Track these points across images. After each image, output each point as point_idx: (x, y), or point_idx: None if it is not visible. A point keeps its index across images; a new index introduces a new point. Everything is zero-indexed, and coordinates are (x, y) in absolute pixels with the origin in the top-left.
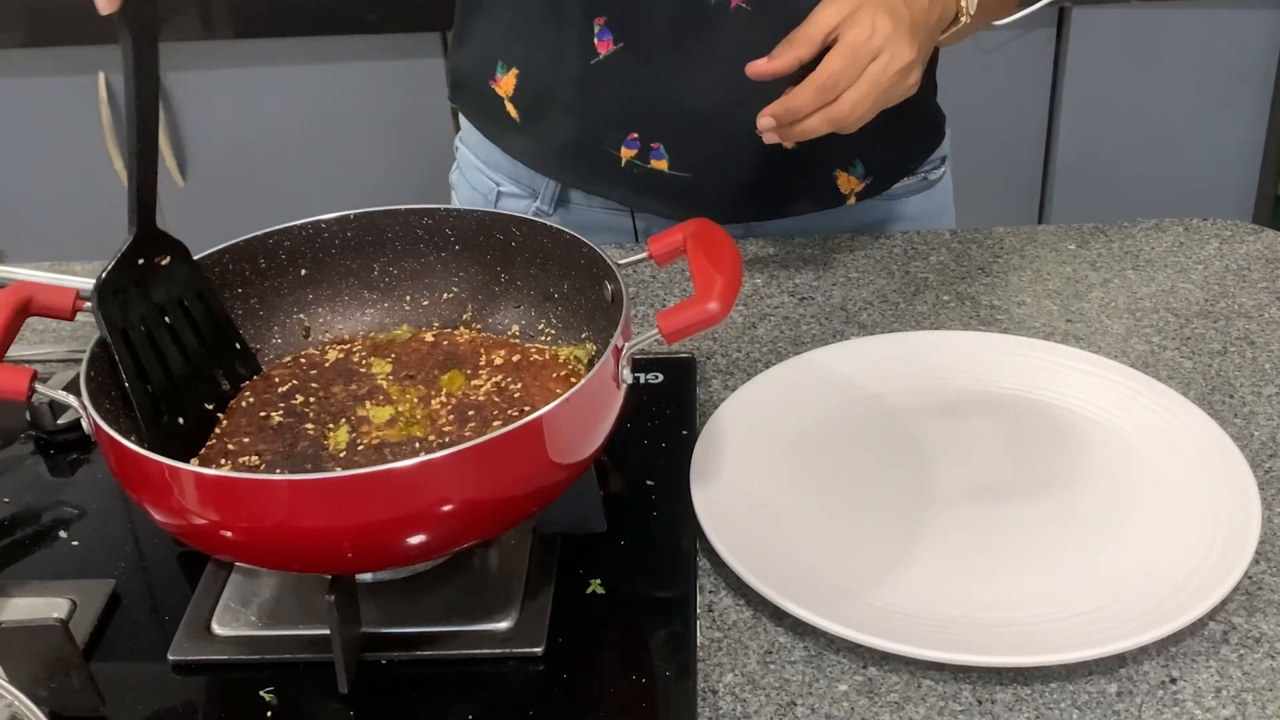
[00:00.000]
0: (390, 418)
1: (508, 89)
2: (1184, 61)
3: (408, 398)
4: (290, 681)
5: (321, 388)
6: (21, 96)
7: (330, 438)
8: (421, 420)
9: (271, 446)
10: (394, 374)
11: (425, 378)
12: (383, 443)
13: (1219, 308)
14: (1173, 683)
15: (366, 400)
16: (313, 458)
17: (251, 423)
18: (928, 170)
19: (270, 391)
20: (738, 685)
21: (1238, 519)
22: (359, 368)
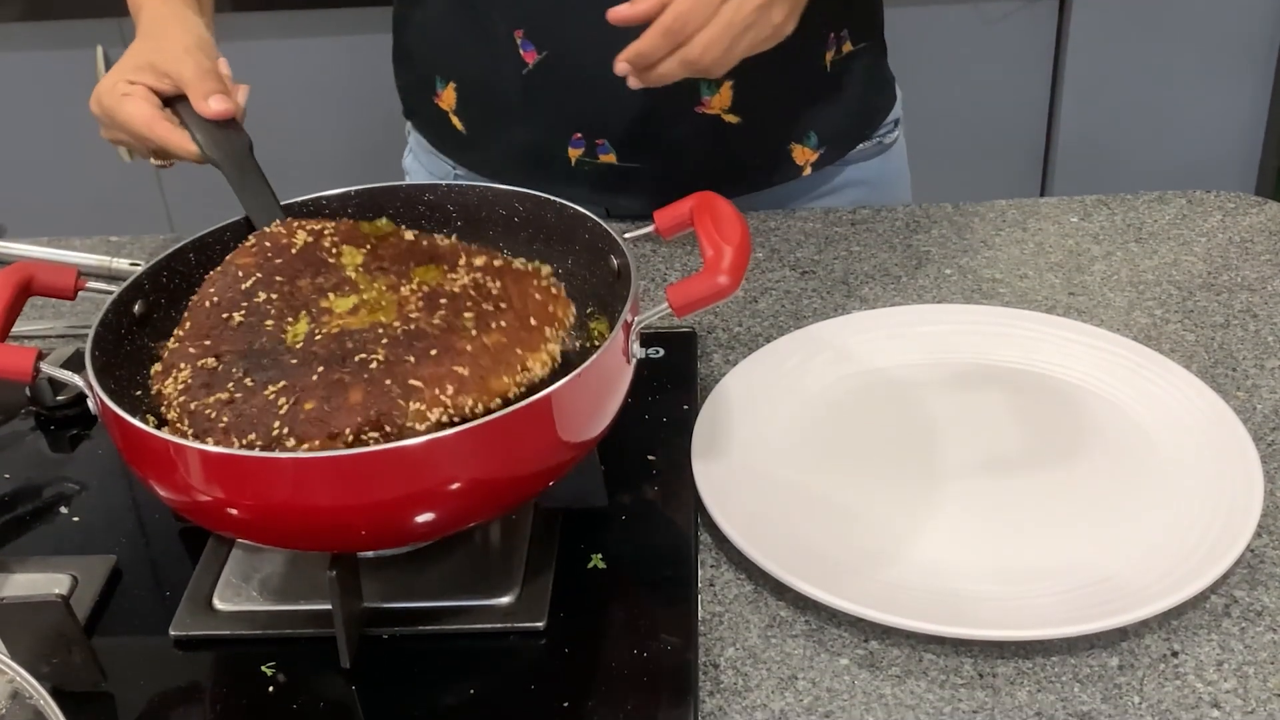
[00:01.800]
0: (353, 306)
1: (450, 103)
2: (1186, 34)
3: (375, 286)
4: (292, 656)
5: (287, 281)
6: (20, 71)
7: (289, 330)
8: (387, 306)
9: (231, 346)
10: (365, 265)
11: (399, 270)
12: (343, 331)
13: (1222, 280)
14: (1174, 656)
15: (331, 292)
16: (270, 352)
17: (214, 324)
18: (882, 134)
19: (234, 289)
20: (739, 659)
21: (1240, 492)
22: (328, 256)
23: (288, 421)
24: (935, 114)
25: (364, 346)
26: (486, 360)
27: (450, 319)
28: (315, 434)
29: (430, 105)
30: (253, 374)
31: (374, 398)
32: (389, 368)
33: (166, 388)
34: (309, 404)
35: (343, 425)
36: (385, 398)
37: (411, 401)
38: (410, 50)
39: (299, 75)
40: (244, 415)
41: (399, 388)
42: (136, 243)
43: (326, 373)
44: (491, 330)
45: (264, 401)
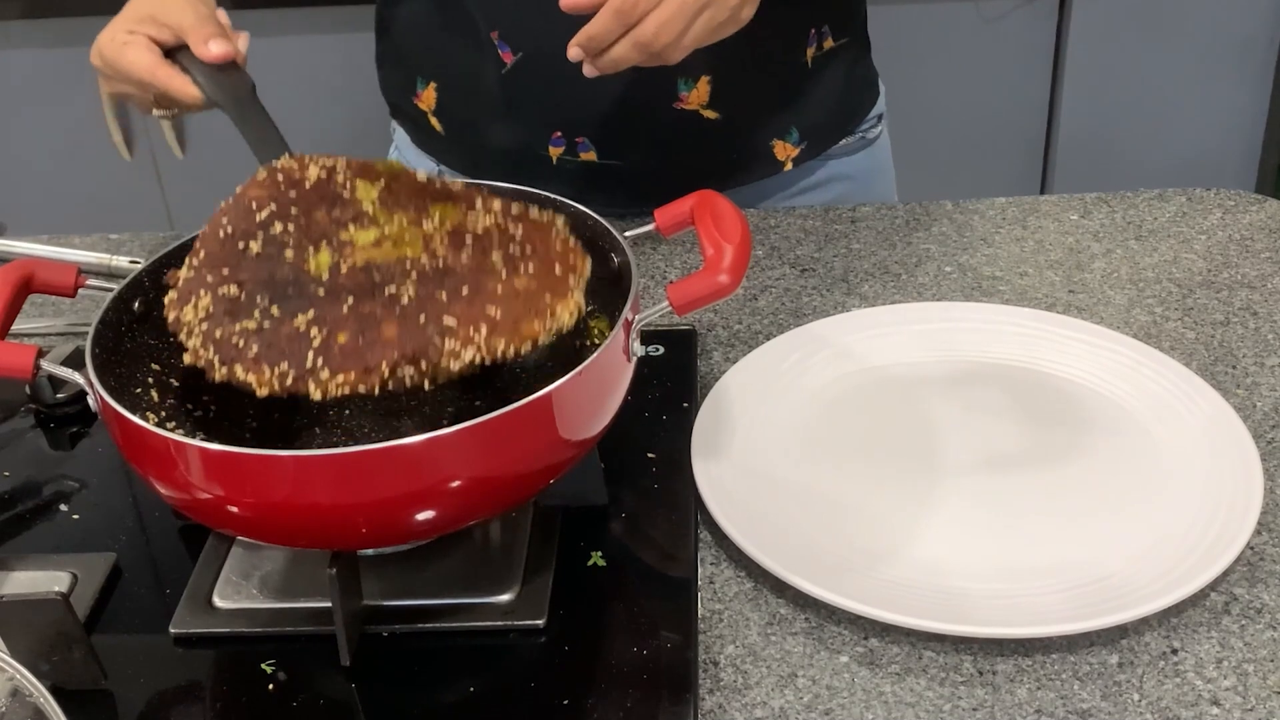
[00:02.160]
0: (376, 239)
1: (429, 103)
2: (1187, 32)
3: (396, 220)
4: (292, 654)
5: (303, 213)
6: (21, 69)
7: (310, 261)
8: (411, 241)
9: (252, 276)
10: (382, 199)
11: (417, 205)
12: (369, 264)
13: (1222, 278)
14: (1174, 654)
15: (351, 224)
16: (294, 282)
17: (231, 253)
18: (864, 130)
19: (248, 220)
20: (739, 657)
21: (1240, 490)
22: (342, 191)
23: (322, 353)
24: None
25: (392, 280)
26: (518, 304)
27: (479, 259)
28: (351, 366)
29: (411, 105)
30: (279, 303)
31: (409, 334)
32: (420, 304)
33: (186, 314)
34: (342, 336)
35: (378, 359)
36: (420, 335)
37: (447, 340)
38: (392, 51)
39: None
40: (274, 345)
41: (433, 325)
42: (136, 240)
43: (357, 305)
44: (520, 274)
45: (294, 332)
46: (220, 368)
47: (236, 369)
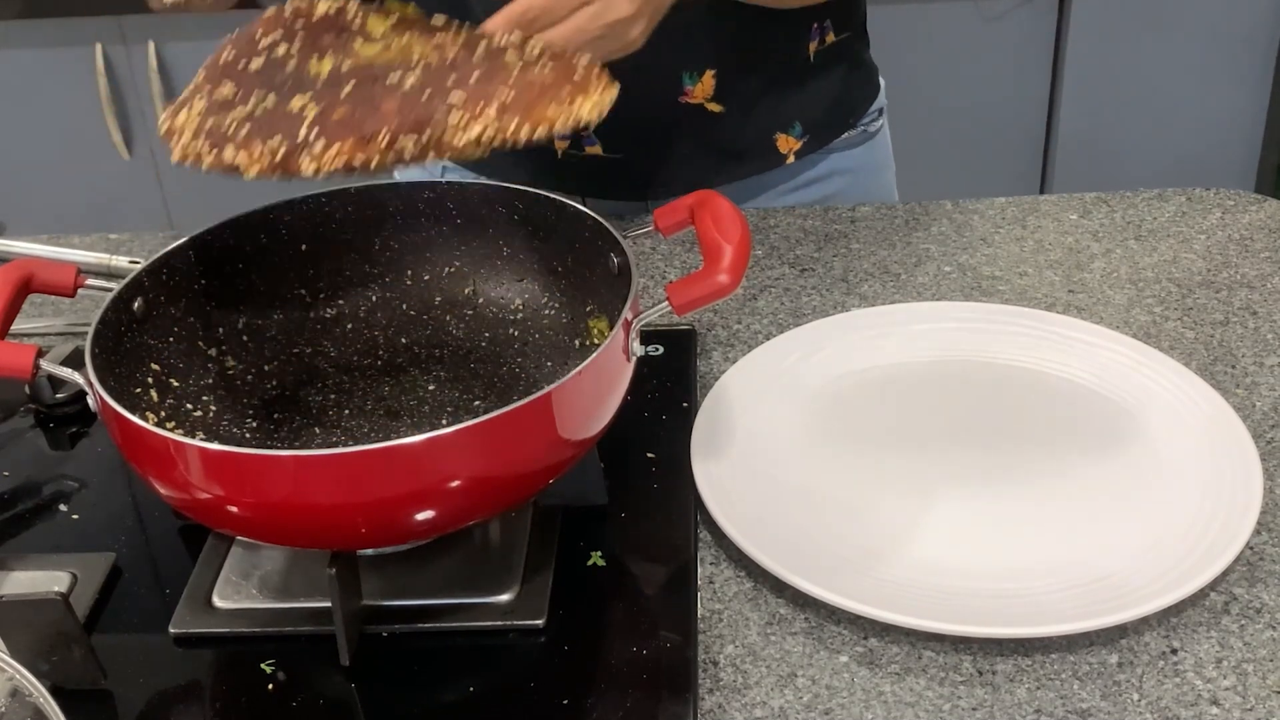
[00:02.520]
0: (381, 50)
1: None
2: (1186, 32)
3: (406, 40)
4: (292, 654)
5: (309, 39)
6: (19, 69)
7: (310, 66)
8: (420, 42)
9: (245, 82)
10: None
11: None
12: (367, 64)
13: (1221, 278)
14: (1173, 653)
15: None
16: (297, 79)
17: (230, 72)
18: (866, 123)
19: (250, 45)
20: (738, 657)
21: (1239, 489)
22: (352, 24)
23: (317, 123)
24: (935, 111)
25: (393, 73)
26: (532, 91)
27: (492, 59)
28: (347, 134)
29: None
30: (273, 92)
31: (408, 107)
32: (423, 86)
33: (179, 119)
34: (339, 113)
35: (376, 127)
36: (423, 107)
37: (453, 113)
38: None
39: None
40: (264, 126)
41: (437, 101)
42: (136, 240)
43: (358, 89)
44: (537, 72)
45: (288, 113)
46: (209, 154)
47: (226, 151)
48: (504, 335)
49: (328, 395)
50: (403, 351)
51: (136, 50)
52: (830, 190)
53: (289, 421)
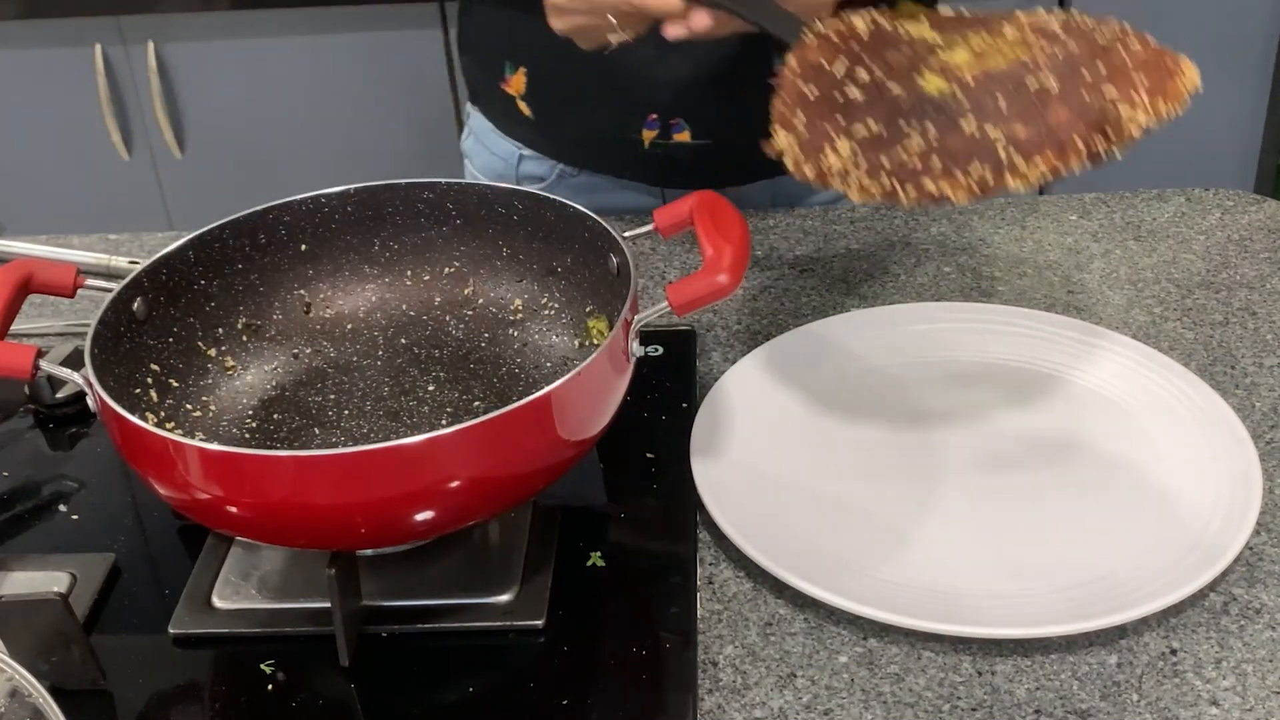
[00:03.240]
0: (972, 55)
1: (518, 88)
2: (1185, 32)
3: (973, 39)
4: (291, 654)
5: (875, 58)
6: (18, 69)
7: (927, 86)
8: (1009, 47)
9: (875, 113)
10: (938, 30)
11: (974, 27)
12: (985, 74)
13: (1221, 278)
14: (1173, 654)
15: (936, 52)
16: (925, 102)
17: (835, 105)
18: None
19: (827, 76)
20: (738, 657)
21: (1239, 490)
22: (897, 33)
23: (1011, 142)
24: None
25: (1024, 78)
26: (1150, 68)
27: (1089, 44)
28: (1045, 147)
29: (496, 90)
30: (930, 121)
31: (1081, 111)
32: (1071, 86)
33: (830, 162)
34: (1019, 129)
35: (1069, 134)
36: (1092, 108)
37: (1120, 106)
38: (478, 36)
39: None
40: (955, 155)
41: (1096, 97)
42: (136, 240)
43: (1011, 102)
44: (1132, 49)
45: (967, 138)
46: (906, 189)
47: (927, 184)
48: (503, 335)
49: (327, 396)
50: (402, 352)
51: (136, 51)
52: None
53: (288, 422)
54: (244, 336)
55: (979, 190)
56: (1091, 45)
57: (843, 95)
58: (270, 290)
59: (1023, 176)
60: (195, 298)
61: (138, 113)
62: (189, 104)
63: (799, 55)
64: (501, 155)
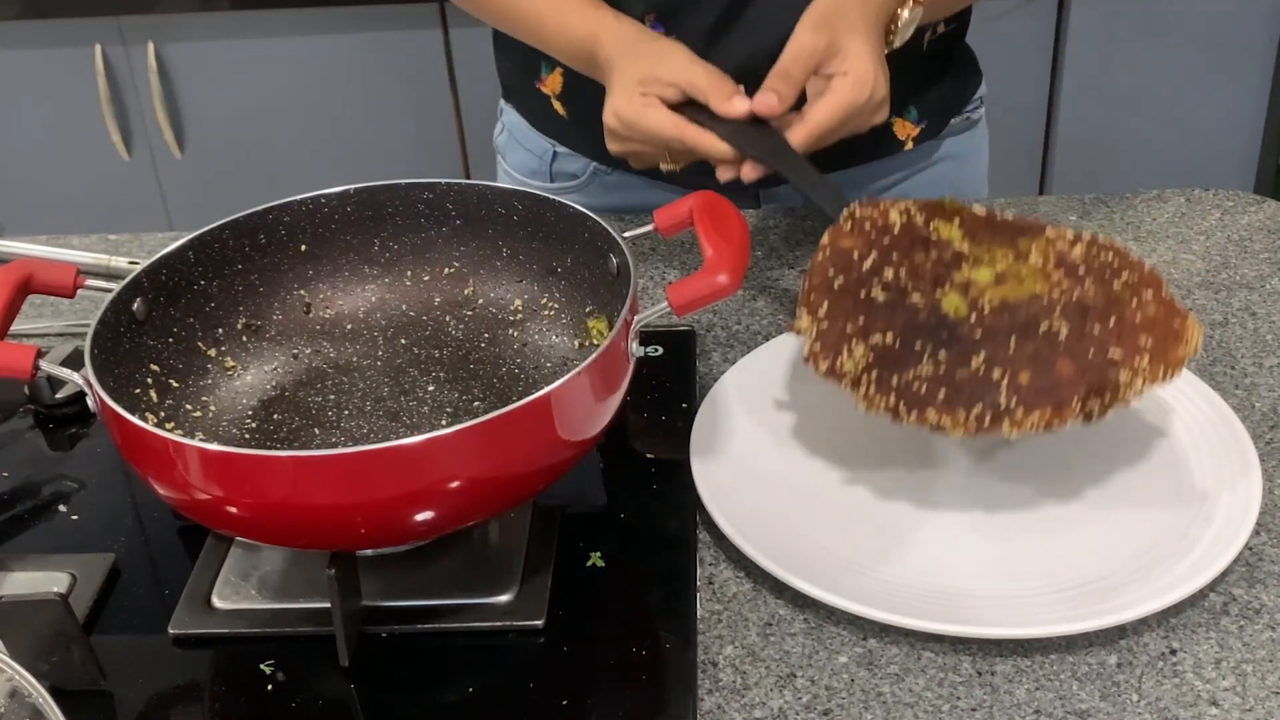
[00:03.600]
0: (995, 277)
1: (554, 87)
2: (1186, 32)
3: (998, 257)
4: (291, 654)
5: (903, 257)
6: (18, 69)
7: (944, 303)
8: (1029, 277)
9: (891, 322)
10: (967, 236)
11: (1003, 240)
12: (1004, 303)
13: (1220, 279)
14: (1173, 654)
15: (961, 265)
16: (941, 325)
17: (856, 302)
18: (970, 110)
19: (855, 269)
20: (738, 657)
21: (1239, 490)
22: (928, 233)
23: (1014, 393)
24: None
25: (1038, 317)
26: (1158, 331)
27: (1104, 289)
28: (1045, 403)
29: (531, 89)
30: (942, 348)
31: (1085, 369)
32: (1079, 339)
33: (843, 365)
34: (1023, 376)
35: (1069, 395)
36: (1095, 369)
37: (1121, 371)
38: None
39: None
40: (960, 389)
41: (1101, 357)
42: (135, 240)
43: (1021, 344)
44: (1145, 301)
45: (973, 375)
46: (909, 413)
47: (928, 413)
48: (503, 336)
49: (327, 396)
50: (402, 352)
51: (136, 51)
52: (936, 175)
53: (288, 422)
54: (244, 337)
55: (975, 428)
56: (1107, 291)
57: (866, 292)
58: (270, 290)
59: (1018, 425)
60: (195, 298)
61: (137, 113)
62: (189, 104)
63: (832, 236)
64: (536, 152)
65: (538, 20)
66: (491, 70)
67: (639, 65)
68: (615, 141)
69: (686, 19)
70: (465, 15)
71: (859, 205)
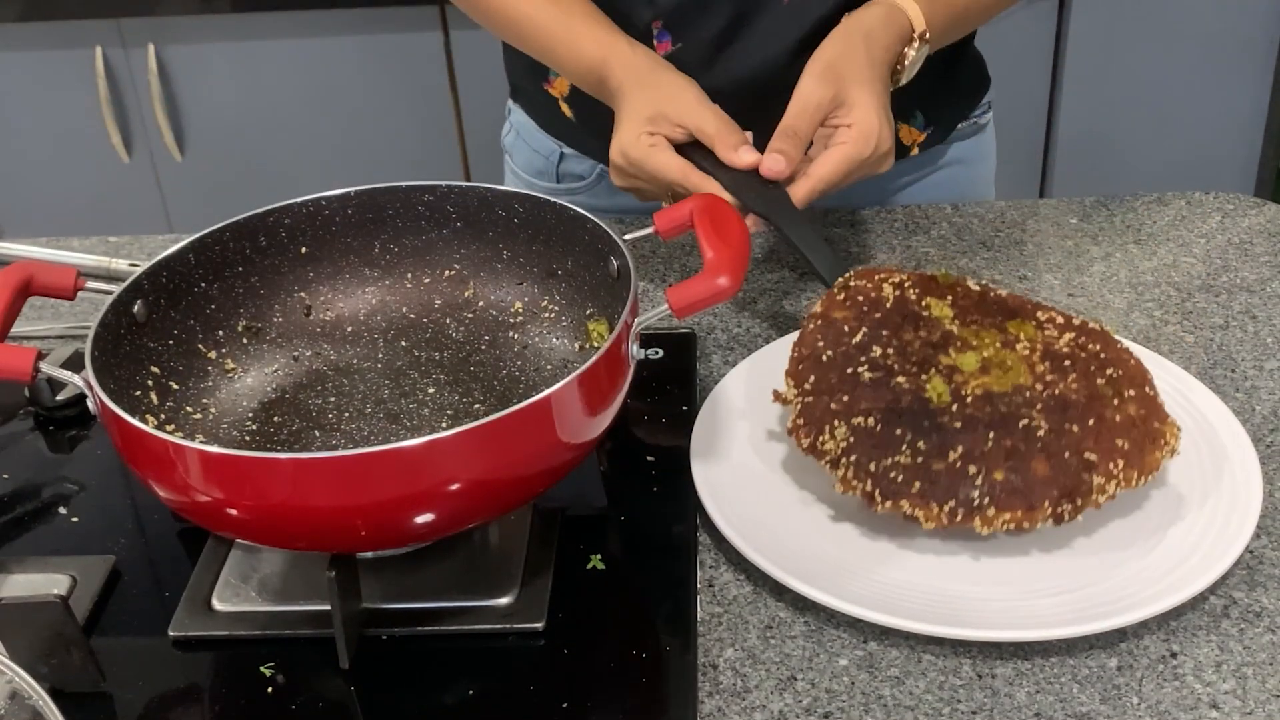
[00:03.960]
0: (981, 364)
1: (562, 90)
2: (1186, 35)
3: (987, 342)
4: (291, 657)
5: (892, 335)
6: (19, 71)
7: (928, 389)
8: (1014, 367)
9: (875, 404)
10: (959, 318)
11: (993, 323)
12: (987, 393)
13: (1221, 281)
14: (1173, 657)
15: (950, 348)
16: (923, 413)
17: (843, 379)
18: (978, 115)
19: (844, 343)
20: (738, 660)
21: (1239, 493)
22: (919, 310)
23: (987, 492)
24: None
25: (1019, 412)
26: (1137, 432)
27: (1087, 385)
28: (1017, 505)
29: (539, 90)
30: (922, 438)
31: (1060, 470)
32: (1057, 437)
33: (825, 444)
34: (998, 473)
35: (1041, 498)
36: (1070, 472)
37: (1095, 475)
38: None
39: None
40: (935, 482)
41: (1077, 459)
42: (136, 243)
43: (999, 439)
44: (1125, 400)
45: (949, 468)
46: (883, 501)
47: (902, 504)
48: (504, 338)
49: (327, 398)
50: (402, 354)
51: (136, 53)
52: (942, 179)
53: (288, 424)
54: (244, 339)
55: (947, 522)
56: (1090, 387)
57: (853, 369)
58: (270, 293)
59: (989, 523)
60: (196, 300)
61: (138, 115)
62: (189, 106)
63: (825, 305)
64: (543, 152)
65: (548, 40)
66: (492, 73)
67: (649, 100)
68: (620, 178)
69: (693, 27)
70: (466, 18)
71: (854, 274)
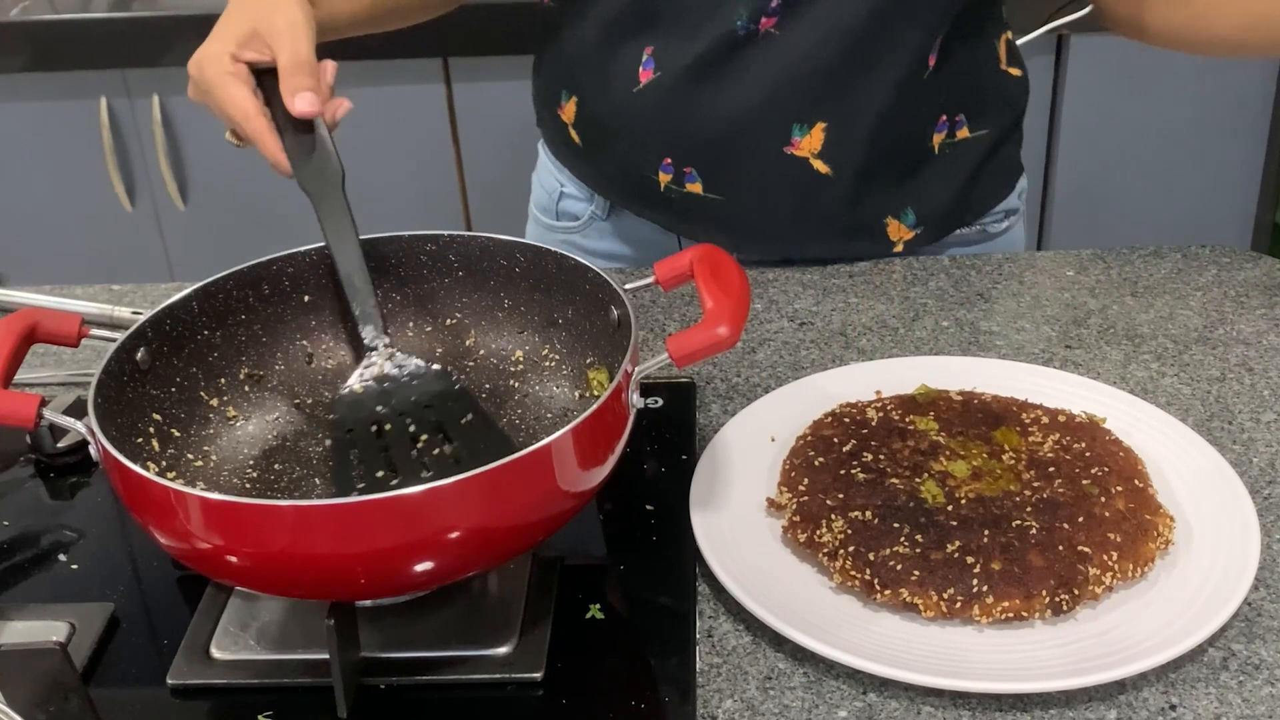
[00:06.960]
0: (972, 471)
1: (570, 115)
2: (1182, 88)
3: (974, 452)
4: (289, 706)
5: (881, 445)
6: (24, 121)
7: (922, 490)
8: (1003, 475)
9: (871, 502)
10: (944, 430)
11: (979, 434)
12: (980, 496)
13: (1217, 334)
14: (1172, 709)
15: (940, 455)
16: (920, 511)
17: (838, 480)
18: (987, 223)
19: (835, 451)
20: (737, 711)
21: (1237, 545)
22: (904, 425)
23: (984, 580)
24: None
25: (1011, 513)
26: (1128, 525)
27: (1073, 488)
28: (1015, 593)
29: (554, 116)
30: (919, 532)
31: (1053, 561)
32: (1049, 534)
33: (822, 536)
34: (995, 564)
35: (1039, 586)
36: (1064, 563)
37: (1090, 566)
38: (545, 60)
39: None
40: (934, 571)
41: (1070, 551)
42: (139, 291)
43: (994, 536)
44: (1114, 495)
45: (948, 558)
46: (882, 589)
47: (902, 591)
48: (504, 386)
49: (328, 446)
50: None
51: (140, 104)
52: None
53: (289, 472)
54: (246, 386)
55: (946, 610)
56: (1075, 487)
57: (847, 471)
58: (273, 341)
59: (988, 611)
60: (198, 348)
61: (141, 164)
62: (193, 156)
63: (813, 427)
64: (548, 190)
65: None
66: (493, 125)
67: (251, 14)
68: (192, 90)
69: (675, 56)
70: (469, 71)
71: (843, 405)
